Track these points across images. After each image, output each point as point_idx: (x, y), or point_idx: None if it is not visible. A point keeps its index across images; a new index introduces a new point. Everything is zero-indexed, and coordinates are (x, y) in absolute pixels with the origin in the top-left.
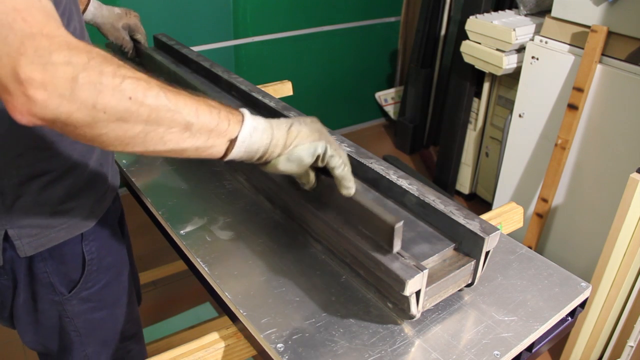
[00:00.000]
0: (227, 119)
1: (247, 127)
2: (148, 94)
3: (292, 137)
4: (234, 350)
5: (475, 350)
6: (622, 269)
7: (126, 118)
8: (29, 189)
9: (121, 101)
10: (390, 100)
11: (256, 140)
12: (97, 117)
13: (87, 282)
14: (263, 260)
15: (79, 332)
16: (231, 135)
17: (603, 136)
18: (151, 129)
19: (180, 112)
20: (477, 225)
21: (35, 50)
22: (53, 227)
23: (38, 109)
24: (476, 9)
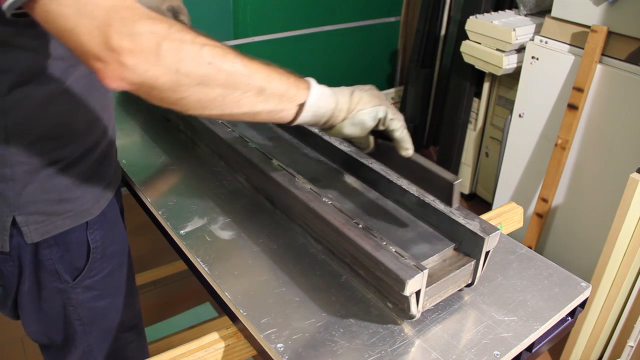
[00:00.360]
0: (296, 86)
1: (314, 93)
2: (225, 59)
3: (354, 102)
4: (234, 350)
5: (475, 350)
6: (622, 269)
7: (206, 82)
8: (39, 177)
9: (201, 66)
10: (390, 100)
11: (323, 105)
12: (179, 81)
13: (91, 270)
14: (263, 260)
15: (82, 321)
16: (300, 100)
17: (603, 136)
18: (228, 92)
19: (254, 77)
20: (477, 225)
21: (121, 20)
22: (59, 214)
23: (128, 74)
24: (476, 9)
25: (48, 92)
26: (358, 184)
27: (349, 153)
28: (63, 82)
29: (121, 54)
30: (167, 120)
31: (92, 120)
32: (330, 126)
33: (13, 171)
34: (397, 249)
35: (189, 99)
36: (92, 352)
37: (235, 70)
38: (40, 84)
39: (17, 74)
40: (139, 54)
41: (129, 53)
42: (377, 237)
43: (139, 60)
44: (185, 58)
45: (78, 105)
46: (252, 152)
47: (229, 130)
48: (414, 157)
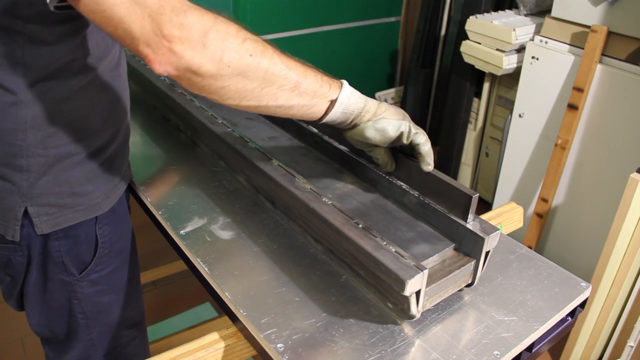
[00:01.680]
0: (328, 84)
1: (345, 91)
2: (265, 54)
3: (382, 109)
4: (234, 350)
5: (475, 350)
6: (622, 269)
7: (246, 73)
8: (53, 169)
9: (243, 57)
10: (390, 100)
11: (353, 102)
12: (222, 70)
13: (97, 264)
14: (263, 260)
15: (85, 315)
16: (332, 97)
17: (603, 136)
18: (266, 85)
19: (290, 72)
20: (477, 225)
21: (172, 10)
22: (70, 207)
23: (176, 59)
24: (476, 9)
25: (69, 87)
26: (358, 184)
27: (349, 153)
28: (84, 79)
29: (171, 40)
30: (167, 121)
31: (108, 117)
32: (354, 125)
33: (28, 162)
34: (397, 249)
35: (228, 89)
36: (94, 347)
37: (274, 64)
38: (63, 79)
39: (41, 68)
40: (187, 41)
41: (178, 40)
42: (377, 237)
43: (187, 47)
44: (228, 48)
45: (96, 102)
46: (252, 152)
47: (229, 130)
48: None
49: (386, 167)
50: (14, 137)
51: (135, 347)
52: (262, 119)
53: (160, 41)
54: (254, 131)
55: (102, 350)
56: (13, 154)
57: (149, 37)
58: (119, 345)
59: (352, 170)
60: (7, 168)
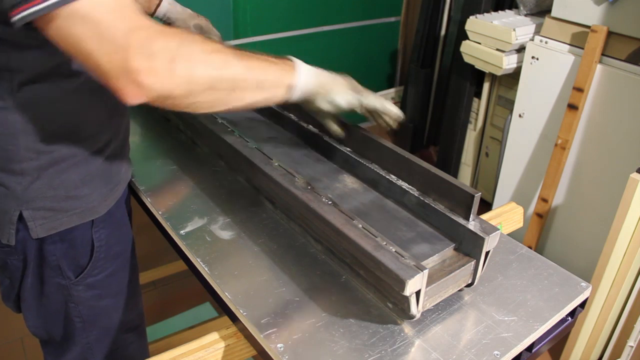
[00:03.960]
0: (285, 71)
1: (301, 74)
2: (229, 63)
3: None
4: (234, 350)
5: (475, 350)
6: (622, 269)
7: (214, 86)
8: (47, 173)
9: (210, 73)
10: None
11: (308, 82)
12: (192, 89)
13: (94, 268)
14: (263, 260)
15: (82, 319)
16: (290, 83)
17: (603, 136)
18: (233, 91)
19: (253, 74)
20: (477, 225)
21: (139, 43)
22: (66, 211)
23: (147, 91)
24: (476, 9)
25: (59, 90)
26: (358, 184)
27: (349, 153)
28: (74, 81)
29: (140, 74)
30: (167, 121)
31: (104, 120)
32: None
33: (22, 166)
34: (397, 249)
35: (199, 102)
36: (91, 351)
37: (238, 71)
38: (52, 82)
39: (28, 72)
40: (155, 72)
41: (147, 73)
42: (377, 237)
43: (155, 78)
44: (196, 69)
45: (89, 105)
46: (252, 152)
47: (229, 130)
48: (434, 169)
49: (336, 134)
50: (5, 142)
51: (133, 350)
52: (262, 118)
53: (129, 76)
54: (254, 131)
55: (100, 354)
56: (6, 158)
57: (118, 72)
58: (117, 349)
59: (352, 170)
60: (1, 172)
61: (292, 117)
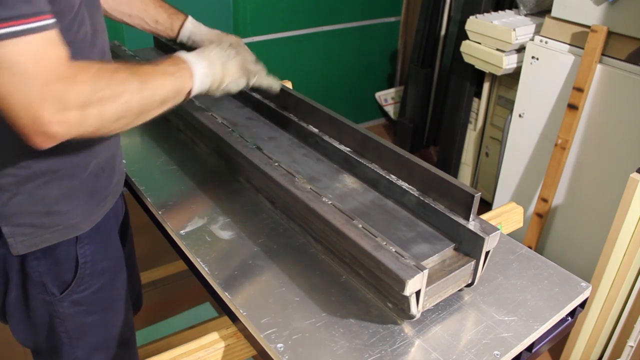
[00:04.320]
0: (183, 80)
1: (197, 79)
2: (135, 94)
3: (225, 75)
4: (234, 350)
5: (475, 350)
6: (622, 269)
7: (123, 115)
8: (26, 188)
9: (119, 107)
10: (390, 100)
11: (204, 85)
12: (103, 125)
13: (79, 285)
14: (263, 260)
15: (69, 334)
16: (189, 89)
17: (603, 136)
18: (141, 115)
19: (158, 93)
20: (477, 225)
21: (53, 97)
22: (47, 227)
23: (57, 139)
24: (476, 9)
25: None
26: (358, 184)
27: (349, 153)
28: None
29: (51, 126)
30: (167, 121)
31: None
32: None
33: (1, 182)
34: (397, 249)
35: (110, 130)
36: None
37: (145, 96)
38: None
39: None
40: (67, 123)
41: (58, 125)
42: (377, 237)
43: (67, 128)
44: (106, 108)
45: None
46: (252, 152)
47: (229, 130)
48: (434, 169)
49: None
50: None
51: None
52: (262, 118)
53: (40, 127)
54: (254, 131)
55: None
56: None
57: (29, 122)
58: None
59: (352, 170)
60: None
61: (292, 117)
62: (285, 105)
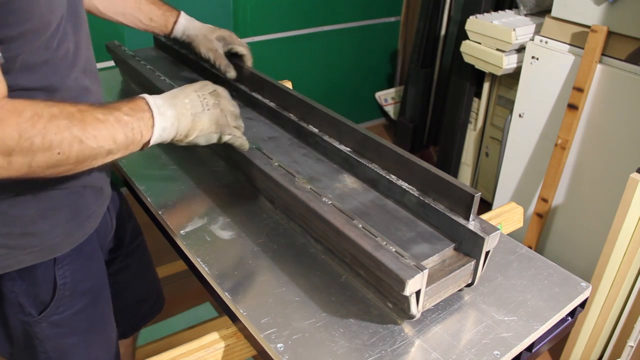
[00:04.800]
0: (139, 131)
1: (157, 131)
2: (73, 144)
3: (194, 127)
4: (234, 350)
5: (475, 350)
6: (622, 269)
7: (58, 165)
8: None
9: (51, 157)
10: (390, 100)
11: (165, 136)
12: (32, 171)
13: (58, 307)
14: (263, 260)
15: (48, 356)
16: (145, 140)
17: (603, 136)
18: (80, 164)
19: (102, 146)
20: (477, 225)
21: None
22: (23, 248)
23: None
24: (476, 9)
25: None
26: (358, 184)
27: (349, 153)
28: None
29: None
30: None
31: None
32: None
33: None
34: (397, 249)
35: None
36: None
37: (83, 149)
38: None
39: None
40: None
41: None
42: (377, 237)
43: None
44: (35, 157)
45: None
46: (252, 152)
47: None
48: (434, 169)
49: None
50: None
51: None
52: (262, 119)
53: None
54: (254, 131)
55: None
56: None
57: None
58: None
59: (352, 170)
60: None
61: (292, 117)
62: (285, 105)
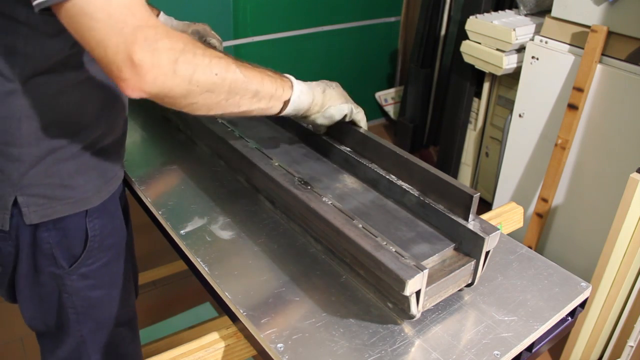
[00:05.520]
0: (281, 86)
1: (296, 91)
2: (229, 70)
3: (327, 98)
4: (234, 350)
5: (475, 350)
6: (622, 269)
7: (213, 89)
8: (44, 161)
9: (210, 76)
10: (390, 100)
11: (303, 100)
12: (191, 90)
13: (88, 258)
14: (263, 260)
15: (76, 310)
16: (285, 98)
17: (603, 136)
18: (230, 97)
19: (251, 83)
20: (477, 225)
21: (145, 39)
22: (60, 199)
23: (148, 86)
24: (476, 9)
25: (65, 81)
26: (358, 184)
27: (349, 153)
28: (82, 74)
29: (142, 68)
30: (167, 120)
31: (103, 113)
32: (305, 116)
33: (21, 152)
34: (397, 249)
35: (197, 104)
36: (85, 344)
37: (237, 78)
38: (60, 72)
39: (41, 60)
40: (158, 68)
41: (149, 68)
42: (377, 237)
43: (158, 74)
44: (197, 71)
45: (91, 98)
46: (252, 152)
47: (229, 130)
48: (433, 170)
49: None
50: (9, 126)
51: (127, 345)
52: (262, 119)
53: (132, 69)
54: (254, 131)
55: (94, 348)
56: (6, 142)
57: (122, 64)
58: (110, 342)
59: (352, 170)
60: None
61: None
62: None
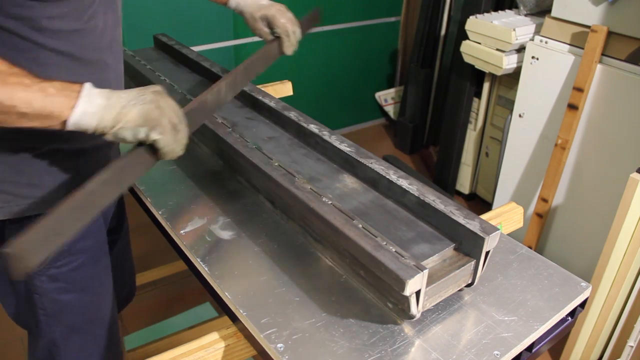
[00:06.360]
0: (60, 107)
1: (77, 113)
2: None
3: (120, 119)
4: (234, 350)
5: (475, 350)
6: (622, 269)
7: None
8: (12, 159)
9: None
10: (390, 100)
11: (85, 122)
12: None
13: (56, 260)
14: (263, 260)
15: (46, 312)
16: (64, 119)
17: (603, 136)
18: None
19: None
20: (477, 225)
21: None
22: (26, 197)
23: None
24: (476, 9)
25: None
26: (358, 184)
27: (349, 153)
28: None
29: None
30: None
31: None
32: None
33: None
34: (397, 249)
35: None
36: (57, 348)
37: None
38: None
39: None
40: None
41: None
42: (377, 237)
43: None
44: None
45: None
46: (252, 152)
47: (228, 130)
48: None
49: None
50: None
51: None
52: (262, 118)
53: None
54: (254, 131)
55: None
56: None
57: None
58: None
59: (352, 170)
60: None
61: (292, 117)
62: None
